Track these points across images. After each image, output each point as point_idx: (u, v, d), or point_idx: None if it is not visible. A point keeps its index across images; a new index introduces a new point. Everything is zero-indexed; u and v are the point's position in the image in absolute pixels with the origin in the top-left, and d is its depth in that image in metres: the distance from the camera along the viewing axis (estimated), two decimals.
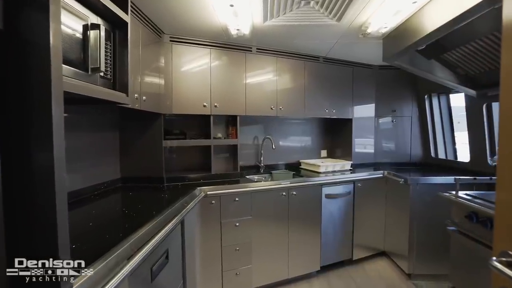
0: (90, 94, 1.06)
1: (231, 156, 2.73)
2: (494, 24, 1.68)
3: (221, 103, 2.38)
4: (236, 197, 2.15)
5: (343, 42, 2.38)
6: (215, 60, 2.37)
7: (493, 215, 1.57)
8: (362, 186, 2.73)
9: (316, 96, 2.87)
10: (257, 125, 2.99)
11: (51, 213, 0.62)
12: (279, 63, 2.65)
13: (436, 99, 3.04)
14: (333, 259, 2.66)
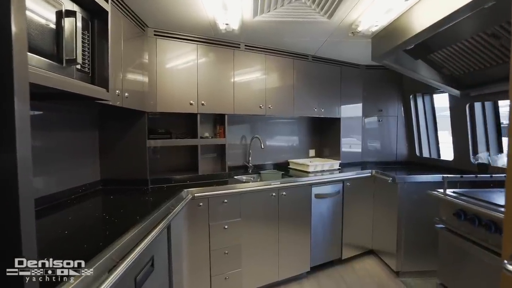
0: (64, 88, 0.95)
1: (218, 156, 2.65)
2: (480, 24, 1.70)
3: (208, 101, 2.29)
4: (225, 199, 2.08)
5: (332, 40, 2.36)
6: (202, 57, 2.28)
7: (480, 212, 1.60)
8: (350, 185, 2.73)
9: (305, 95, 2.84)
10: (245, 125, 2.93)
11: (13, 222, 0.53)
12: (268, 61, 2.60)
13: (421, 99, 3.10)
14: (323, 259, 2.64)
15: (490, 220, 1.51)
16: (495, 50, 1.83)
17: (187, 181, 2.21)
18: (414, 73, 2.31)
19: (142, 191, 1.92)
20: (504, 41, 1.72)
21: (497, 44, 1.77)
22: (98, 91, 1.20)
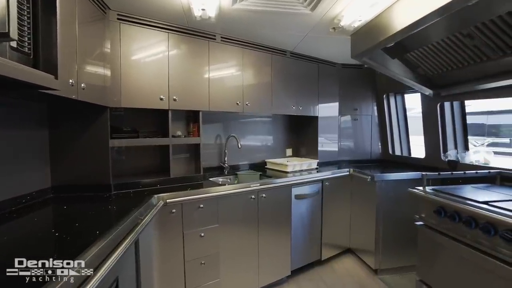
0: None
1: (192, 157, 2.44)
2: (457, 24, 1.73)
3: (181, 96, 2.08)
4: (201, 204, 1.89)
5: (312, 35, 2.28)
6: (174, 48, 2.06)
7: (460, 209, 1.62)
8: (329, 185, 2.70)
9: (283, 93, 2.74)
10: (220, 123, 2.75)
11: None
12: (246, 55, 2.45)
13: (393, 99, 3.18)
14: (303, 261, 2.56)
15: (470, 216, 1.53)
16: (468, 51, 1.88)
17: (157, 185, 1.98)
18: (391, 72, 2.32)
19: (103, 198, 1.65)
20: (477, 42, 1.77)
21: (470, 45, 1.82)
22: (43, 77, 0.95)
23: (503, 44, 1.68)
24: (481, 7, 1.53)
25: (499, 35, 1.64)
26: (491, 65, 1.95)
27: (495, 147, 4.98)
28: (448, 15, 1.47)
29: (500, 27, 1.59)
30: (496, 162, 2.24)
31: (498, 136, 6.11)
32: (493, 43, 1.71)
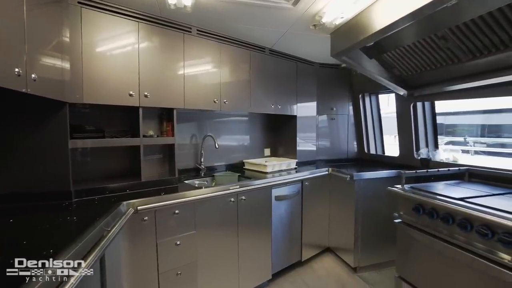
0: None
1: (166, 158, 2.26)
2: (433, 26, 1.77)
3: (153, 93, 1.90)
4: (176, 210, 1.74)
5: (292, 32, 2.23)
6: (145, 40, 1.88)
7: (438, 205, 1.66)
8: (309, 185, 2.67)
9: (261, 91, 2.66)
10: (195, 122, 2.60)
11: None
12: (223, 51, 2.33)
13: (368, 99, 3.25)
14: (284, 264, 2.51)
15: (448, 213, 1.57)
16: (441, 53, 1.94)
17: (126, 190, 1.79)
18: (369, 71, 2.35)
19: (62, 208, 1.44)
20: (450, 44, 1.83)
21: (444, 47, 1.88)
22: None
23: (474, 47, 1.76)
24: (453, 11, 1.58)
25: (470, 38, 1.71)
26: (457, 68, 2.04)
27: (452, 145, 5.35)
28: (423, 18, 1.50)
29: (472, 30, 1.65)
30: (463, 160, 2.36)
31: (454, 135, 6.59)
32: (465, 46, 1.78)
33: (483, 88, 2.03)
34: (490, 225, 1.35)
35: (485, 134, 8.74)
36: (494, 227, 1.34)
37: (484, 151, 6.33)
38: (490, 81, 1.89)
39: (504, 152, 6.26)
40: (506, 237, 1.28)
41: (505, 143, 8.23)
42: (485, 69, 1.89)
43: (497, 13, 1.49)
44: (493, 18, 1.52)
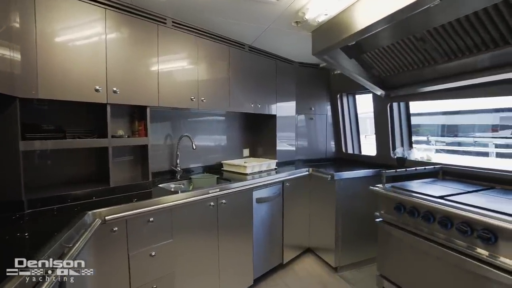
0: None
1: (138, 161, 2.07)
2: (412, 27, 1.80)
3: (123, 88, 1.72)
4: (150, 217, 1.58)
5: (274, 28, 2.16)
6: (114, 31, 1.69)
7: (419, 204, 1.68)
8: (289, 186, 2.62)
9: (241, 89, 2.57)
10: (170, 121, 2.43)
11: None
12: (201, 46, 2.19)
13: (346, 99, 3.29)
14: (266, 267, 2.43)
15: (429, 211, 1.59)
16: (419, 54, 1.99)
17: (92, 198, 1.59)
18: (348, 71, 2.35)
19: (10, 221, 1.22)
20: (428, 46, 1.87)
21: (422, 48, 1.92)
22: None
23: (449, 49, 1.81)
24: (432, 13, 1.61)
25: (446, 40, 1.76)
26: (430, 71, 2.11)
27: (416, 144, 5.66)
28: (404, 19, 1.50)
29: (449, 33, 1.69)
30: (436, 159, 2.45)
31: (418, 135, 7.01)
32: (441, 48, 1.84)
33: (452, 90, 2.12)
34: (470, 222, 1.38)
35: (445, 133, 9.46)
36: (473, 224, 1.37)
37: (444, 149, 6.81)
38: (458, 84, 1.98)
39: (460, 150, 6.79)
40: (485, 234, 1.32)
41: (461, 141, 8.96)
42: (454, 72, 1.97)
43: (473, 17, 1.53)
44: (468, 21, 1.57)
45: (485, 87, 1.92)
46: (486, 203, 1.45)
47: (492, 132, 8.45)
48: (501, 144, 8.01)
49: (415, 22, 1.74)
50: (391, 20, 1.53)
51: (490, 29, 1.54)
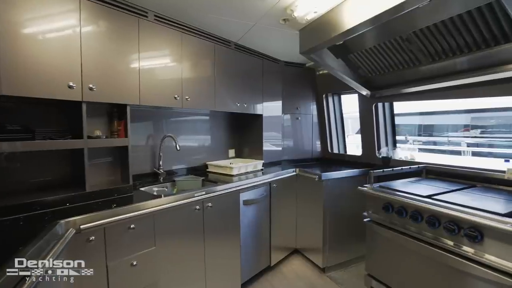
0: None
1: (118, 163, 1.94)
2: (399, 28, 1.81)
3: (101, 85, 1.59)
4: (131, 224, 1.47)
5: (261, 25, 2.10)
6: (90, 23, 1.56)
7: (407, 204, 1.69)
8: (277, 186, 2.58)
9: (227, 88, 2.49)
10: (151, 121, 2.32)
11: None
12: (185, 42, 2.09)
13: (331, 99, 3.30)
14: (254, 271, 2.38)
15: (417, 210, 1.60)
16: (404, 55, 2.02)
17: (66, 204, 1.46)
18: (335, 70, 2.35)
19: None
20: (414, 47, 1.90)
21: (408, 49, 1.94)
22: None
23: (434, 51, 1.85)
24: (419, 14, 1.63)
25: (431, 42, 1.79)
26: (413, 72, 2.16)
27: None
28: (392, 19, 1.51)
29: (434, 34, 1.72)
30: (420, 158, 2.51)
31: (396, 134, 7.21)
32: (426, 50, 1.86)
33: (433, 91, 2.17)
34: (457, 221, 1.40)
35: (422, 133, 9.90)
36: (460, 222, 1.39)
37: (423, 149, 7.10)
38: (439, 85, 2.03)
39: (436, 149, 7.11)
40: (472, 232, 1.34)
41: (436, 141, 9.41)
42: (436, 74, 2.03)
43: (457, 19, 1.56)
44: (453, 23, 1.59)
45: (463, 88, 1.97)
46: (471, 202, 1.47)
47: (464, 132, 8.94)
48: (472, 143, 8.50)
49: (402, 23, 1.75)
50: (379, 20, 1.53)
51: (474, 32, 1.59)
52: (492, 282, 1.27)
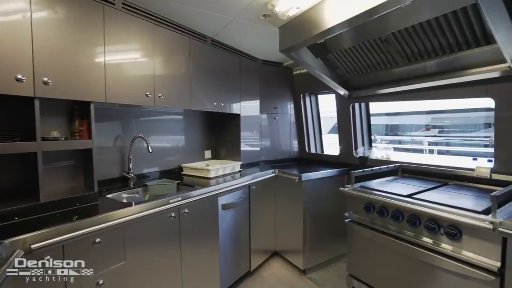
0: None
1: (80, 168, 1.72)
2: (379, 29, 1.82)
3: (58, 79, 1.38)
4: (97, 238, 1.29)
5: (239, 21, 2.01)
6: (43, 8, 1.34)
7: (388, 203, 1.70)
8: (256, 188, 2.50)
9: (203, 86, 2.35)
10: (119, 121, 2.11)
11: None
12: (158, 35, 1.92)
13: (309, 99, 3.30)
14: (233, 278, 2.27)
15: (398, 210, 1.62)
16: (382, 55, 2.04)
17: (14, 219, 1.24)
18: (313, 69, 2.33)
19: None
20: (392, 48, 1.93)
21: (386, 50, 1.97)
22: None
23: (411, 52, 1.89)
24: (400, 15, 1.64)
25: (408, 44, 1.83)
26: (387, 74, 2.21)
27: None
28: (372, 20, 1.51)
29: (412, 36, 1.75)
30: (395, 157, 2.58)
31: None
32: (403, 51, 1.90)
33: (404, 93, 2.23)
34: (437, 219, 1.43)
35: (388, 132, 10.49)
36: (440, 221, 1.42)
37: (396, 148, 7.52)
38: (410, 87, 2.10)
39: (402, 147, 7.56)
40: (451, 230, 1.37)
41: (401, 140, 10.02)
42: (407, 76, 2.10)
43: (434, 22, 1.60)
44: (430, 26, 1.63)
45: (431, 90, 2.05)
46: (449, 200, 1.51)
47: (425, 131, 9.64)
48: (432, 142, 9.20)
49: (382, 24, 1.76)
50: (362, 19, 1.51)
51: (449, 35, 1.64)
52: (471, 278, 1.31)
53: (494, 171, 1.78)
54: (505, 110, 1.71)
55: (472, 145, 8.53)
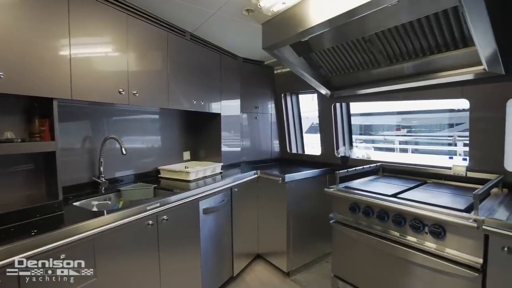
0: None
1: (41, 173, 1.52)
2: (362, 28, 1.82)
3: (11, 71, 1.19)
4: (61, 254, 1.13)
5: (221, 15, 1.90)
6: None
7: (373, 204, 1.70)
8: (238, 191, 2.41)
9: (182, 83, 2.22)
10: (88, 120, 1.92)
11: None
12: (132, 27, 1.76)
13: (290, 98, 3.28)
14: (216, 284, 2.17)
15: (383, 210, 1.62)
16: (365, 55, 2.05)
17: None
18: (297, 69, 2.29)
19: None
20: (374, 48, 1.94)
21: (368, 50, 1.97)
22: None
23: (392, 53, 1.91)
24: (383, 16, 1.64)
25: (391, 44, 1.84)
26: (366, 74, 2.24)
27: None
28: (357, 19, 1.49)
29: (394, 37, 1.77)
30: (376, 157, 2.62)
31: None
32: (385, 52, 1.92)
33: (382, 93, 2.27)
34: (422, 218, 1.44)
35: (362, 132, 10.90)
36: (425, 220, 1.43)
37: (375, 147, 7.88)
38: (388, 88, 2.14)
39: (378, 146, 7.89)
40: (436, 228, 1.38)
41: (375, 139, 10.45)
42: (385, 77, 2.13)
43: (416, 23, 1.62)
44: (412, 27, 1.65)
45: (407, 91, 2.11)
46: (431, 199, 1.54)
47: (396, 131, 10.16)
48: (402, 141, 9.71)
49: (366, 23, 1.76)
50: (347, 17, 1.49)
51: (429, 37, 1.67)
52: (455, 275, 1.33)
53: (469, 169, 1.86)
54: (479, 111, 1.78)
55: (438, 143, 9.12)
